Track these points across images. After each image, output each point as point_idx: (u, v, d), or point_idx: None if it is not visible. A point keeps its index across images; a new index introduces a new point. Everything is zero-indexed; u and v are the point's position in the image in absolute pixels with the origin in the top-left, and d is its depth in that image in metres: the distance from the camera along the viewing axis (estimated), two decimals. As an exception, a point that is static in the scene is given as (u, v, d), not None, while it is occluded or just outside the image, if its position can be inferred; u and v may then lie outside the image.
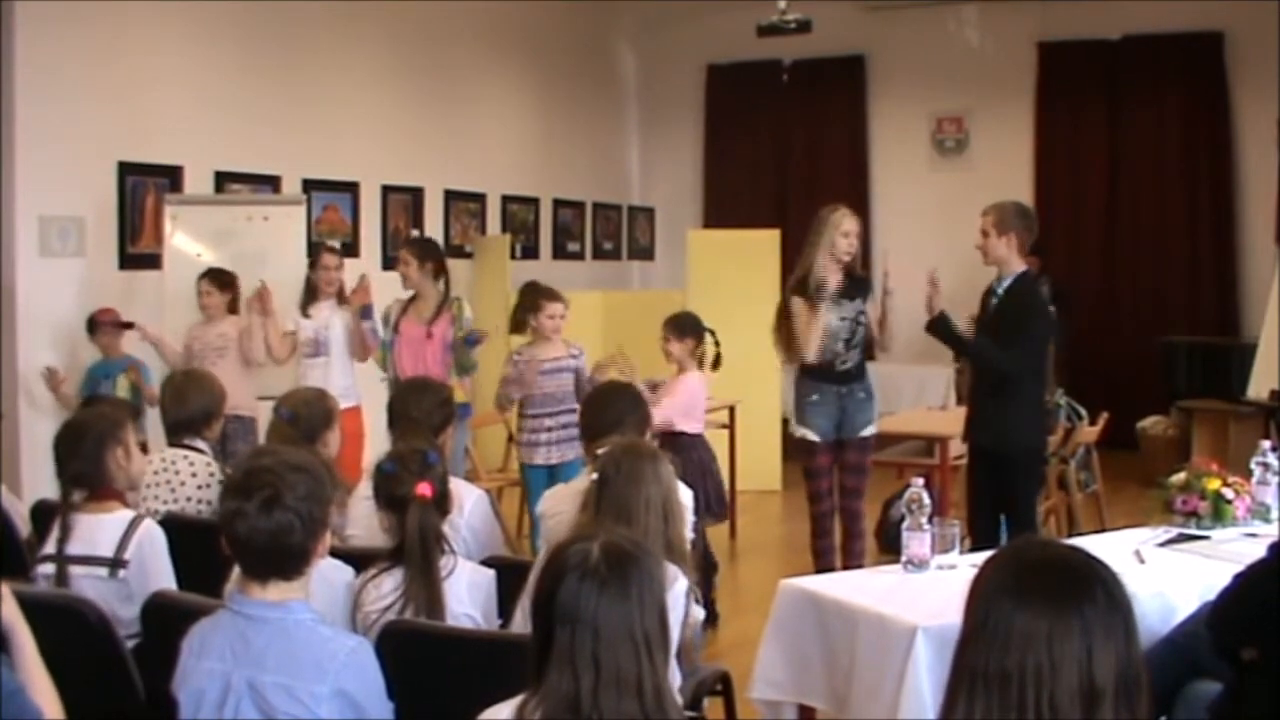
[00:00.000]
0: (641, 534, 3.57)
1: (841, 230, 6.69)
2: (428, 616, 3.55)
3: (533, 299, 7.27)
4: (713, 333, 7.32)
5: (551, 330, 6.98)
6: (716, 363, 7.38)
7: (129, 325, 7.96)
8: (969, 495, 6.43)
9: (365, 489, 4.59)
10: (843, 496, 6.90)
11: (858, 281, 6.82)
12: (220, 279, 7.84)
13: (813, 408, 6.76)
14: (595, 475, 3.84)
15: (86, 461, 3.96)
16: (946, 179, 12.91)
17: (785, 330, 6.81)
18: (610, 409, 4.78)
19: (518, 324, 7.99)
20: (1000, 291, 6.16)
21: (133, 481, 4.17)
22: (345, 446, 6.82)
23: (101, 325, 7.92)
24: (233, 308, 7.86)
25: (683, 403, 6.82)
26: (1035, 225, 6.26)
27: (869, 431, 6.85)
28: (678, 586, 3.64)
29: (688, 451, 6.53)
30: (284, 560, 2.85)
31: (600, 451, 3.99)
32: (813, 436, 6.76)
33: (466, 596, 3.69)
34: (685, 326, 7.26)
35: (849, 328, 6.74)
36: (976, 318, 6.45)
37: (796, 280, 6.80)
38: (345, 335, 7.68)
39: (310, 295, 7.76)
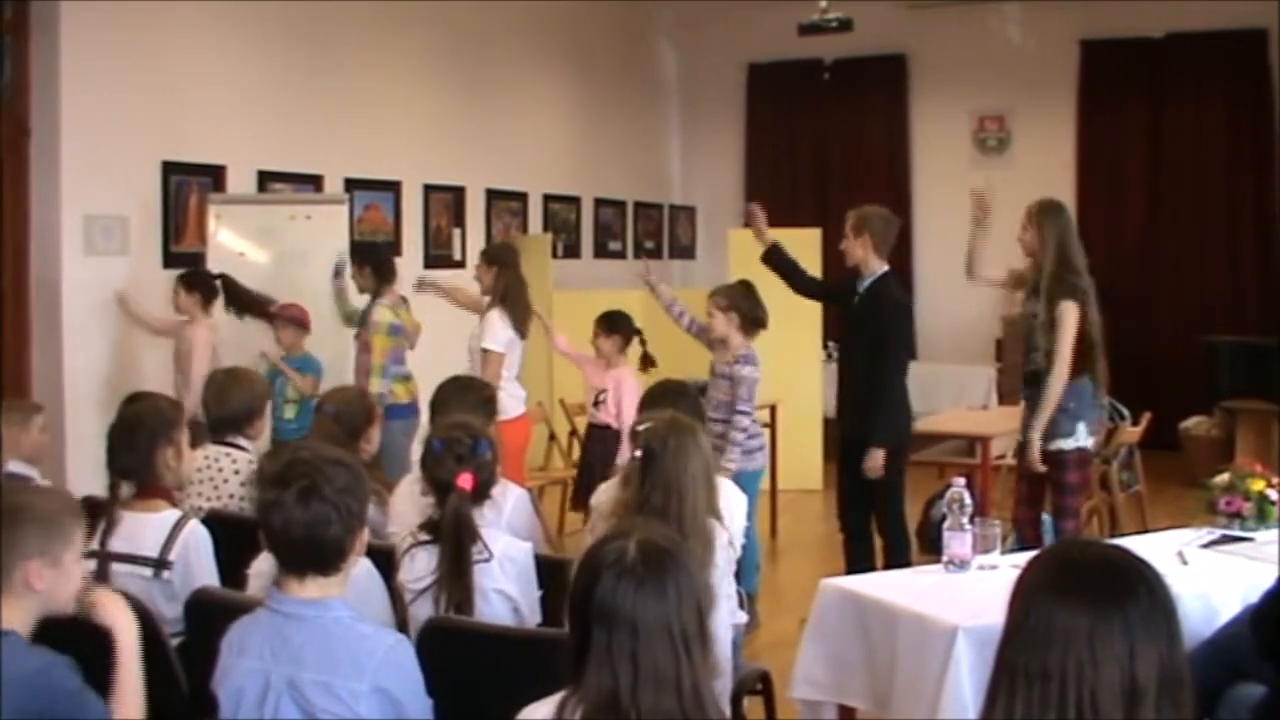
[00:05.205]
0: (691, 507, 3.71)
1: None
2: (457, 609, 3.58)
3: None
4: (640, 333, 7.74)
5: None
6: (644, 363, 7.77)
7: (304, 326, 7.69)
8: (840, 483, 6.84)
9: (406, 488, 4.61)
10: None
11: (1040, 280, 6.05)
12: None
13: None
14: (639, 451, 3.82)
15: (136, 456, 3.97)
16: (988, 177, 12.77)
17: None
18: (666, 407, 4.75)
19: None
20: (861, 291, 6.63)
21: (181, 481, 4.20)
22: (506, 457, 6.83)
23: (279, 320, 7.64)
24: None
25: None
26: (894, 229, 6.78)
27: (1056, 445, 6.02)
28: (720, 539, 3.88)
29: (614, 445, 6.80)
30: (321, 554, 2.84)
31: (642, 427, 3.90)
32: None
33: (499, 572, 3.70)
34: (617, 324, 7.66)
35: (1024, 327, 6.19)
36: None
37: None
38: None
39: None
